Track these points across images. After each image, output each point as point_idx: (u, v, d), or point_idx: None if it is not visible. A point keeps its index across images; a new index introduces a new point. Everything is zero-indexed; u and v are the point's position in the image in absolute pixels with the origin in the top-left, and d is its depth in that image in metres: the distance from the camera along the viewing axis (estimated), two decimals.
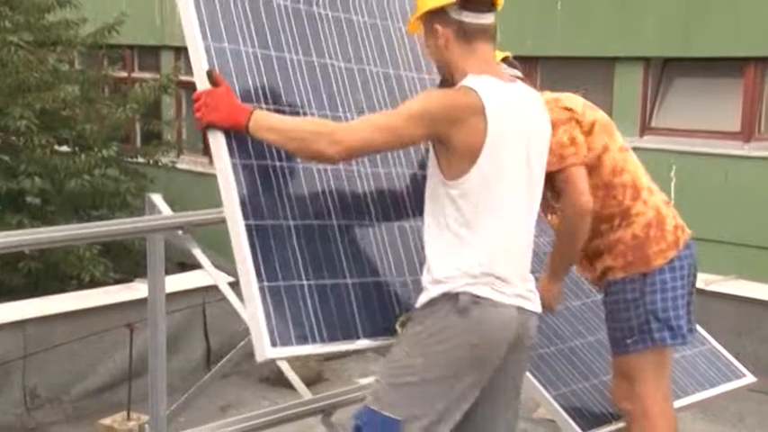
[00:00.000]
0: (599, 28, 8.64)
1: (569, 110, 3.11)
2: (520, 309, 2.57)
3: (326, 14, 3.02)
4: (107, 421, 4.24)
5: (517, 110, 2.57)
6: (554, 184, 3.07)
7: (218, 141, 2.55)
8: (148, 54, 13.22)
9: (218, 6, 2.69)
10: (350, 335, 2.62)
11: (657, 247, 3.09)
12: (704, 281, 5.26)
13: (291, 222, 2.61)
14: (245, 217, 2.51)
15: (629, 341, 3.10)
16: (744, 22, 7.80)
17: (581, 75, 8.68)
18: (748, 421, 4.74)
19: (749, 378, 3.83)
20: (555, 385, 3.39)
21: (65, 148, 9.06)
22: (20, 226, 7.68)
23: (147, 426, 3.67)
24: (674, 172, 8.19)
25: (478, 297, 2.49)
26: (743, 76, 7.99)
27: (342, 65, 2.98)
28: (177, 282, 4.87)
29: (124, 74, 12.49)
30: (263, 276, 2.48)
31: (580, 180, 3.03)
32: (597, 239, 3.15)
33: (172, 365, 3.46)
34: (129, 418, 4.23)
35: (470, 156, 2.47)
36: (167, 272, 3.26)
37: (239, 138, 2.56)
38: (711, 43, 8.01)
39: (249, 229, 2.51)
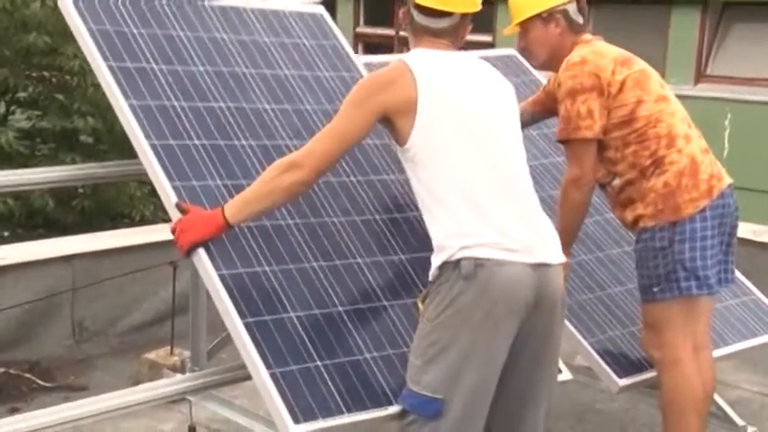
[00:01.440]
0: None
1: (595, 75, 3.06)
2: (534, 264, 2.52)
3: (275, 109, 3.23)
4: (151, 355, 4.34)
5: (453, 67, 2.68)
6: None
7: (200, 260, 2.68)
8: None
9: (179, 153, 2.89)
10: (379, 402, 2.63)
11: (689, 195, 3.06)
12: (753, 231, 5.19)
13: (293, 314, 2.69)
14: (242, 315, 2.61)
15: (655, 289, 3.09)
16: None
17: (635, 19, 8.50)
18: None
19: None
20: (592, 332, 3.39)
21: None
22: (72, 164, 7.81)
23: (188, 361, 3.76)
24: (728, 121, 8.04)
25: (481, 259, 2.47)
26: None
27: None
28: None
29: None
30: (272, 364, 2.56)
31: (587, 156, 3.12)
32: (630, 188, 3.14)
33: (214, 304, 3.50)
34: (171, 354, 4.33)
35: (409, 110, 2.57)
36: None
37: (219, 248, 2.70)
38: None
39: (248, 325, 2.60)
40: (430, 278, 2.59)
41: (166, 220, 7.63)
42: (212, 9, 3.37)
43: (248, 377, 2.97)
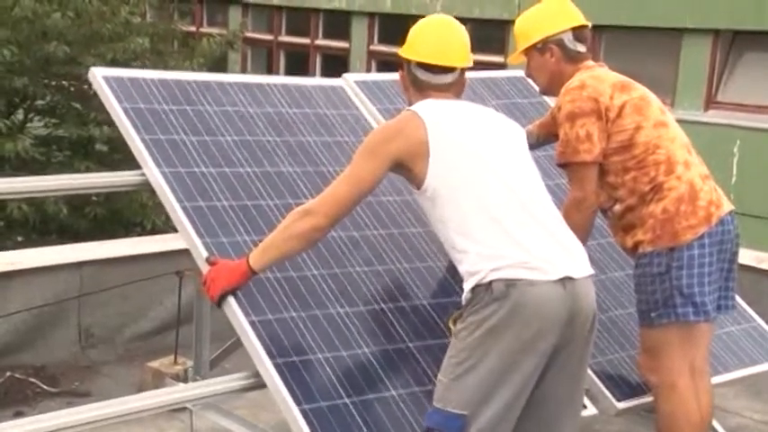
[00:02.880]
0: None
1: (593, 100, 3.10)
2: (565, 280, 2.56)
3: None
4: (155, 364, 4.36)
5: (459, 109, 2.80)
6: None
7: (230, 308, 2.84)
8: (217, 9, 13.42)
9: (208, 213, 3.06)
10: None
11: (687, 222, 3.08)
12: (756, 259, 5.19)
13: (320, 355, 2.83)
14: (271, 356, 2.76)
15: (653, 314, 3.11)
16: None
17: (646, 46, 8.53)
18: None
19: None
20: (591, 354, 3.40)
21: None
22: (87, 172, 7.88)
23: (190, 369, 3.80)
24: (737, 147, 8.04)
25: (512, 280, 2.51)
26: None
27: None
28: None
29: (193, 28, 12.68)
30: (302, 401, 2.68)
31: (587, 179, 3.15)
32: (630, 213, 3.17)
33: (221, 314, 3.53)
34: (175, 362, 4.34)
35: (422, 152, 2.66)
36: None
37: (248, 297, 2.85)
38: None
39: (278, 366, 2.74)
40: (463, 302, 2.64)
41: (177, 230, 7.72)
42: (237, 85, 3.58)
43: (249, 388, 3.03)
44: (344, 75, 4.00)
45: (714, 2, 8.21)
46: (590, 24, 3.36)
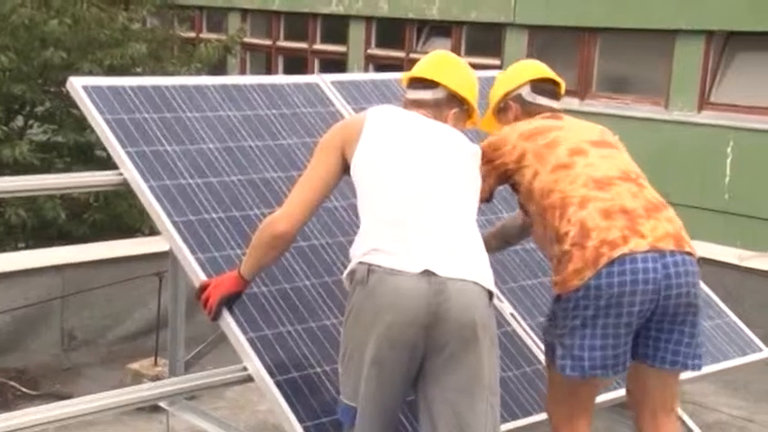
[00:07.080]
0: None
1: (496, 148, 3.01)
2: (430, 276, 2.49)
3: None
4: (135, 366, 4.40)
5: (411, 118, 2.80)
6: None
7: (228, 326, 2.90)
8: (217, 15, 13.48)
9: (198, 227, 3.09)
10: None
11: (573, 266, 2.76)
12: (739, 257, 5.22)
13: (319, 369, 2.91)
14: (272, 375, 2.83)
15: (548, 356, 2.96)
16: None
17: (640, 47, 8.51)
18: None
19: (766, 352, 3.79)
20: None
21: None
22: None
23: (166, 370, 3.82)
24: (730, 148, 8.02)
25: (373, 265, 2.52)
26: None
27: None
28: None
29: (192, 34, 12.75)
30: (305, 419, 2.75)
31: None
32: (550, 263, 2.97)
33: (198, 317, 3.53)
34: (156, 364, 4.39)
35: (355, 140, 2.73)
36: None
37: (247, 315, 2.93)
38: None
39: (279, 383, 2.81)
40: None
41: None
42: (215, 88, 3.57)
43: (217, 386, 3.06)
44: (320, 74, 4.02)
45: (707, 3, 8.19)
46: (559, 80, 3.16)
